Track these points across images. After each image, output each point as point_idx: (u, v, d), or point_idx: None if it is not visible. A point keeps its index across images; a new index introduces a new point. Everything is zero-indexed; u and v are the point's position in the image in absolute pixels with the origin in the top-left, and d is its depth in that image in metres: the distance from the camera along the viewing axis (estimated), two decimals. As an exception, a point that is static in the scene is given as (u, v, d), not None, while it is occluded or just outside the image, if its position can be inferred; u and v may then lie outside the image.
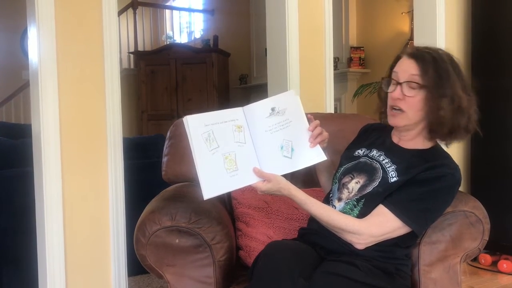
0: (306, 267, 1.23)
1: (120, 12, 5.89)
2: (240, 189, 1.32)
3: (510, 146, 2.85)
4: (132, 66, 6.28)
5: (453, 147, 1.44)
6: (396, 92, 1.34)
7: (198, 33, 7.06)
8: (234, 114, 1.31)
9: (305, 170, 1.36)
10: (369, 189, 1.35)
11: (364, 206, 1.34)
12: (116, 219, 2.05)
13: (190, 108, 5.61)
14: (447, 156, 1.39)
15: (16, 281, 2.29)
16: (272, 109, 1.33)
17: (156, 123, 5.71)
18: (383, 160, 1.40)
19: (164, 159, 1.79)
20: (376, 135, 1.52)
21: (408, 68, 1.33)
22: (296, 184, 1.32)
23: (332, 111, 2.66)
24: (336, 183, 1.44)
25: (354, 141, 1.58)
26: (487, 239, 1.46)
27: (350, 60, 4.93)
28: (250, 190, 1.65)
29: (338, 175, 1.45)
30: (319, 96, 2.58)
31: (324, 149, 1.36)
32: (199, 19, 7.09)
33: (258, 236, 1.60)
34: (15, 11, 5.72)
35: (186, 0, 7.32)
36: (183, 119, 1.27)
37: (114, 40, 2.04)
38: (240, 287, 1.42)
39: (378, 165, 1.39)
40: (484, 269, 2.90)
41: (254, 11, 5.86)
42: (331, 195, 1.44)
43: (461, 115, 1.32)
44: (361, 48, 4.96)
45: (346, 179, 1.41)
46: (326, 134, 1.37)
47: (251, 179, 1.26)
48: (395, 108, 1.35)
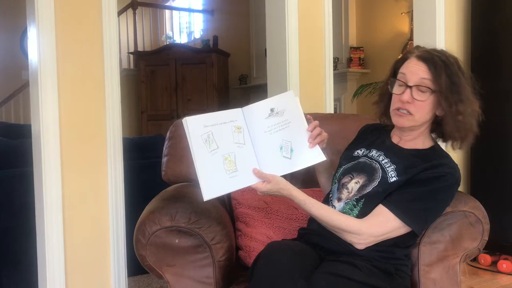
0: (306, 267, 1.23)
1: (120, 12, 5.89)
2: (240, 190, 1.32)
3: (510, 146, 2.85)
4: (132, 66, 6.28)
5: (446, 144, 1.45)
6: (405, 95, 1.32)
7: (198, 33, 7.06)
8: (234, 115, 1.31)
9: (304, 171, 1.36)
10: (368, 189, 1.35)
11: (363, 206, 1.34)
12: (116, 219, 2.05)
13: (190, 108, 5.61)
14: (446, 155, 1.39)
15: (16, 281, 2.29)
16: (271, 110, 1.33)
17: (155, 123, 5.71)
18: (383, 160, 1.40)
19: (164, 160, 1.79)
20: (375, 135, 1.52)
21: (419, 72, 1.32)
22: (295, 185, 1.32)
23: (332, 111, 2.66)
24: (335, 183, 1.44)
25: (353, 141, 1.58)
26: (487, 239, 1.46)
27: (350, 60, 4.93)
28: (250, 191, 1.65)
29: (337, 175, 1.45)
30: (318, 96, 2.58)
31: (323, 149, 1.35)
32: (199, 20, 7.09)
33: (258, 236, 1.60)
34: (15, 11, 5.73)
35: (186, 0, 7.32)
36: (183, 120, 1.27)
37: (114, 40, 2.05)
38: (240, 287, 1.42)
39: (377, 165, 1.39)
40: (484, 269, 2.90)
41: (253, 12, 5.86)
42: (330, 195, 1.44)
43: (474, 119, 1.34)
44: (360, 48, 4.96)
45: (345, 179, 1.41)
46: (325, 134, 1.37)
47: (250, 180, 1.26)
48: (402, 109, 1.35)
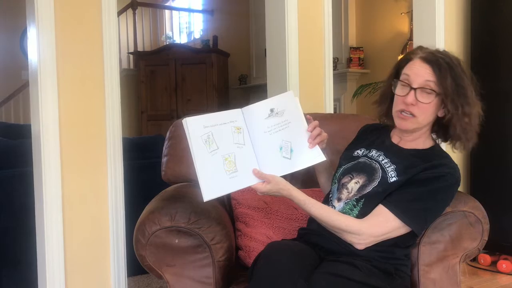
0: (306, 267, 1.23)
1: (119, 13, 5.89)
2: (239, 190, 1.32)
3: (510, 146, 2.85)
4: (131, 67, 6.28)
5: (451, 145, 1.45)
6: (409, 98, 1.32)
7: (197, 33, 7.06)
8: (233, 116, 1.31)
9: (304, 171, 1.36)
10: (368, 189, 1.35)
11: (363, 206, 1.34)
12: (115, 219, 2.05)
13: (190, 109, 5.61)
14: (446, 155, 1.39)
15: (16, 281, 2.28)
16: (271, 110, 1.33)
17: (155, 124, 5.70)
18: (383, 160, 1.40)
19: (164, 160, 1.79)
20: (375, 135, 1.52)
21: (423, 74, 1.31)
22: (295, 185, 1.32)
23: (332, 112, 2.66)
24: (335, 183, 1.44)
25: (353, 141, 1.58)
26: (487, 239, 1.46)
27: (350, 60, 4.93)
28: (249, 191, 1.65)
29: (337, 175, 1.45)
30: (318, 96, 2.58)
31: (323, 149, 1.35)
32: (199, 20, 7.09)
33: (258, 237, 1.60)
34: (15, 11, 5.73)
35: (186, 0, 7.32)
36: (182, 121, 1.27)
37: (114, 40, 2.05)
38: (240, 287, 1.42)
39: (377, 165, 1.39)
40: (484, 269, 2.90)
41: (253, 12, 5.86)
42: (330, 195, 1.44)
43: (478, 120, 1.34)
44: (360, 49, 4.96)
45: (345, 179, 1.41)
46: (325, 134, 1.37)
47: (250, 181, 1.26)
48: (406, 111, 1.34)
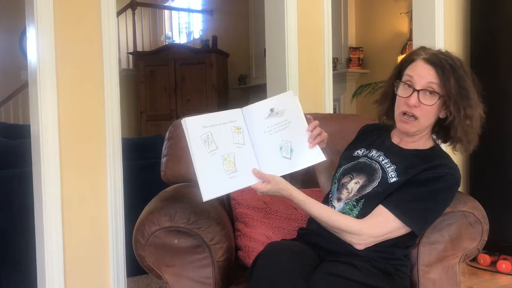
0: (306, 267, 1.22)
1: (119, 13, 5.88)
2: (239, 190, 1.32)
3: (510, 147, 2.85)
4: (131, 67, 6.27)
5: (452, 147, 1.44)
6: (412, 99, 1.31)
7: (197, 33, 7.06)
8: (233, 116, 1.31)
9: (304, 171, 1.36)
10: (368, 189, 1.35)
11: (363, 206, 1.34)
12: (115, 220, 2.05)
13: (189, 109, 5.61)
14: (446, 156, 1.39)
15: (15, 281, 2.28)
16: (271, 110, 1.33)
17: (155, 124, 5.70)
18: (383, 160, 1.40)
19: (163, 160, 1.79)
20: (375, 135, 1.52)
21: (426, 75, 1.31)
22: (295, 185, 1.31)
23: (331, 112, 2.66)
24: (335, 183, 1.44)
25: (353, 141, 1.58)
26: (486, 239, 1.46)
27: (349, 60, 4.93)
28: (249, 191, 1.65)
29: (337, 175, 1.45)
30: (318, 97, 2.58)
31: (323, 149, 1.35)
32: (198, 20, 7.09)
33: (257, 237, 1.60)
34: (14, 11, 5.72)
35: (185, 0, 7.31)
36: (182, 121, 1.27)
37: (113, 40, 2.04)
38: (239, 287, 1.42)
39: (377, 165, 1.39)
40: (483, 269, 2.90)
41: (253, 12, 5.86)
42: (330, 195, 1.44)
43: (480, 123, 1.34)
44: (360, 49, 4.96)
45: (345, 180, 1.41)
46: (325, 134, 1.37)
47: (250, 180, 1.26)
48: (408, 114, 1.34)
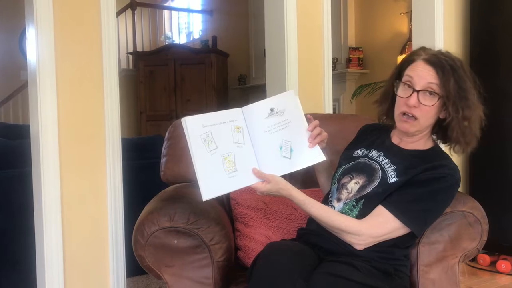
0: (305, 267, 1.22)
1: (119, 13, 5.88)
2: (239, 190, 1.32)
3: (509, 147, 2.85)
4: (130, 67, 6.27)
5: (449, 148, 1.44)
6: (412, 100, 1.31)
7: (196, 33, 7.06)
8: (233, 115, 1.31)
9: (304, 171, 1.36)
10: (368, 189, 1.35)
11: (363, 206, 1.34)
12: (114, 220, 2.05)
13: (189, 109, 5.60)
14: (446, 156, 1.39)
15: (15, 282, 2.28)
16: (271, 109, 1.33)
17: (154, 124, 5.70)
18: (382, 160, 1.39)
19: (163, 160, 1.79)
20: (375, 135, 1.52)
21: (426, 76, 1.30)
22: (295, 185, 1.31)
23: (331, 112, 2.66)
24: (335, 183, 1.44)
25: (353, 141, 1.58)
26: (486, 239, 1.46)
27: (349, 60, 4.93)
28: (248, 191, 1.65)
29: (337, 175, 1.45)
30: (317, 97, 2.58)
31: (323, 149, 1.35)
32: (198, 20, 7.09)
33: (257, 237, 1.60)
34: (14, 11, 5.71)
35: (185, 0, 7.31)
36: (182, 120, 1.27)
37: (113, 40, 2.04)
38: (239, 287, 1.42)
39: (377, 165, 1.39)
40: (483, 269, 2.90)
41: (252, 12, 5.86)
42: (330, 195, 1.44)
43: (478, 124, 1.34)
44: (359, 49, 4.96)
45: (345, 180, 1.41)
46: (325, 134, 1.37)
47: (250, 180, 1.26)
48: (408, 114, 1.34)
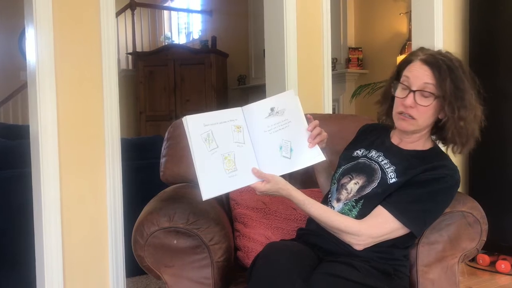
0: (305, 268, 1.22)
1: (118, 13, 5.88)
2: (238, 189, 1.32)
3: (509, 147, 2.85)
4: (130, 67, 6.27)
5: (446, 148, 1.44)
6: (408, 100, 1.31)
7: (196, 34, 7.07)
8: (234, 114, 1.31)
9: (303, 171, 1.36)
10: (368, 190, 1.35)
11: (363, 207, 1.33)
12: (114, 220, 2.05)
13: (189, 109, 5.60)
14: (446, 157, 1.39)
15: (14, 282, 2.28)
16: (271, 109, 1.33)
17: (154, 124, 5.70)
18: (382, 161, 1.39)
19: (162, 160, 1.79)
20: (375, 135, 1.52)
21: (422, 76, 1.30)
22: (294, 185, 1.31)
23: (330, 112, 2.66)
24: (334, 183, 1.44)
25: (352, 141, 1.58)
26: (485, 239, 1.46)
27: (348, 61, 4.94)
28: (248, 191, 1.65)
29: (336, 175, 1.45)
30: (317, 97, 2.58)
31: (322, 149, 1.35)
32: (197, 20, 7.09)
33: (256, 237, 1.60)
34: (13, 12, 5.71)
35: (185, 1, 7.32)
36: (183, 119, 1.27)
37: (112, 40, 2.04)
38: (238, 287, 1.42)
39: (377, 166, 1.39)
40: (482, 269, 2.90)
41: (252, 12, 5.86)
42: (329, 195, 1.44)
43: (476, 125, 1.34)
44: (359, 49, 4.96)
45: (345, 180, 1.41)
46: (325, 134, 1.37)
47: (250, 180, 1.26)
48: (405, 114, 1.33)
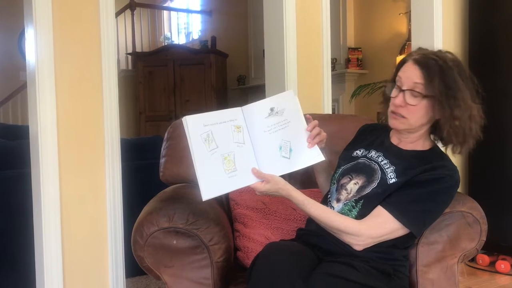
0: (304, 268, 1.22)
1: (118, 13, 5.89)
2: (238, 190, 1.32)
3: (508, 147, 2.85)
4: (130, 67, 6.27)
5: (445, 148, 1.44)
6: (398, 99, 1.32)
7: (196, 34, 7.07)
8: (233, 114, 1.31)
9: (303, 171, 1.36)
10: (367, 190, 1.35)
11: (362, 207, 1.33)
12: (113, 221, 2.05)
13: (188, 109, 5.60)
14: (445, 157, 1.39)
15: (14, 282, 2.28)
16: (271, 109, 1.33)
17: (154, 124, 5.70)
18: (382, 161, 1.39)
19: (162, 160, 1.79)
20: (374, 135, 1.52)
21: (412, 76, 1.31)
22: (294, 185, 1.31)
23: (330, 112, 2.66)
24: (334, 184, 1.44)
25: (352, 141, 1.58)
26: (485, 239, 1.46)
27: (348, 61, 4.94)
28: (248, 191, 1.65)
29: (336, 176, 1.45)
30: (317, 97, 2.58)
31: (322, 149, 1.35)
32: (197, 20, 7.09)
33: (256, 237, 1.60)
34: (13, 12, 5.71)
35: (184, 1, 7.32)
36: (183, 119, 1.27)
37: (112, 41, 2.04)
38: (238, 288, 1.42)
39: (376, 166, 1.39)
40: (482, 269, 2.90)
41: (252, 12, 5.86)
42: (329, 196, 1.44)
43: (474, 124, 1.33)
44: (358, 49, 4.96)
45: (344, 180, 1.41)
46: (324, 134, 1.37)
47: (249, 180, 1.26)
48: (396, 113, 1.34)
